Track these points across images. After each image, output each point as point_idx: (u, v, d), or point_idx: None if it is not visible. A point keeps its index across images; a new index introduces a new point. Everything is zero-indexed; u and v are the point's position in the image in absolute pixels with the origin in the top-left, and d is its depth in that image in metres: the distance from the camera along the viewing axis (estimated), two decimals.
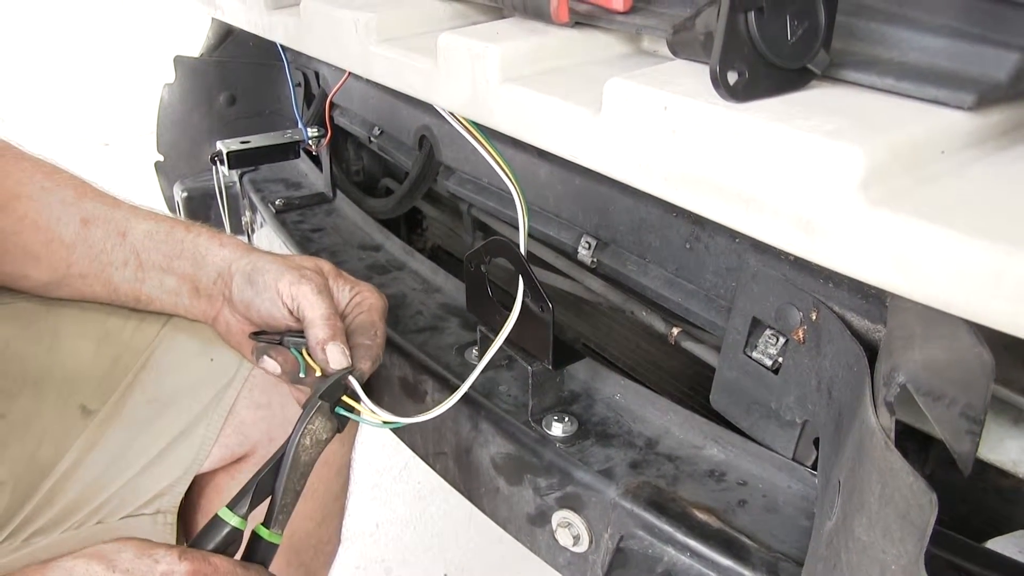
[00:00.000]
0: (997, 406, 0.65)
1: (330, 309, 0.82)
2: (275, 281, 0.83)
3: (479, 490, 0.95)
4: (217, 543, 0.69)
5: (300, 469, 0.73)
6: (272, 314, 0.84)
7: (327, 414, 0.75)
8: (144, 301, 0.91)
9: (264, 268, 0.85)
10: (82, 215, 0.88)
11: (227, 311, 0.89)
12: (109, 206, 0.90)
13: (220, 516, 0.70)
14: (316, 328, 0.80)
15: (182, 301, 0.91)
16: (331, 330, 0.80)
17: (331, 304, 0.83)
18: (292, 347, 0.83)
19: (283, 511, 0.72)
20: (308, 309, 0.81)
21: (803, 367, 0.74)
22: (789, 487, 0.80)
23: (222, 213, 1.65)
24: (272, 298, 0.84)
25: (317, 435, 0.74)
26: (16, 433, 0.85)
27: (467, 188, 1.19)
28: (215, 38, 1.70)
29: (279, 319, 0.85)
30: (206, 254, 0.89)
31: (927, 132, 0.54)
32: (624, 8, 0.75)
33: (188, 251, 0.89)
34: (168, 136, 1.73)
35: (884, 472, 0.51)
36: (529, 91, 0.72)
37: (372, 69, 0.94)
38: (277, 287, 0.83)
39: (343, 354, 0.79)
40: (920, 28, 0.60)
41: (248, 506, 0.70)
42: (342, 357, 0.79)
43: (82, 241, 0.88)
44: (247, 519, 0.71)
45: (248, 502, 0.70)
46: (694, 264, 0.88)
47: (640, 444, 0.87)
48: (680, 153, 0.60)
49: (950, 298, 0.47)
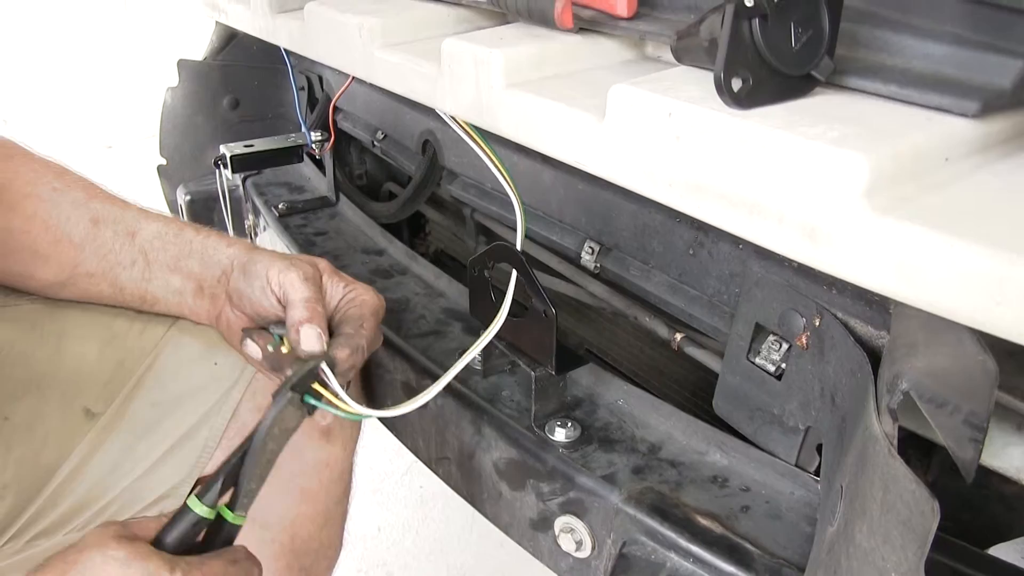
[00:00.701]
0: (1000, 413, 0.65)
1: (312, 293, 0.81)
2: (265, 269, 0.84)
3: (481, 495, 0.95)
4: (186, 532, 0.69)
5: (267, 456, 0.73)
6: (262, 303, 0.84)
7: (297, 403, 0.74)
8: (149, 301, 0.91)
9: (258, 259, 0.85)
10: (92, 215, 0.89)
11: (228, 308, 0.89)
12: (119, 207, 0.91)
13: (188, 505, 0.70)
14: (294, 310, 0.80)
15: (186, 301, 0.91)
16: (309, 312, 0.79)
17: (316, 291, 0.82)
18: (275, 332, 0.83)
19: (247, 496, 0.72)
20: (291, 292, 0.81)
21: (806, 373, 0.74)
22: (792, 493, 0.80)
23: (225, 217, 1.65)
24: (262, 287, 0.84)
25: (284, 423, 0.73)
26: (20, 435, 0.85)
27: (470, 193, 1.19)
28: (219, 42, 1.70)
29: (268, 309, 0.84)
30: (214, 253, 0.89)
31: (931, 140, 0.54)
32: (628, 14, 0.75)
33: (196, 251, 0.89)
34: (171, 140, 1.73)
35: (886, 479, 0.51)
36: (533, 97, 0.73)
37: (376, 74, 0.94)
38: (267, 275, 0.83)
39: (318, 338, 0.78)
40: (924, 35, 0.60)
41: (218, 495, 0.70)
42: (316, 340, 0.78)
43: (91, 241, 0.88)
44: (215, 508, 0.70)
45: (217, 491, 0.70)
46: (697, 270, 0.88)
47: (643, 449, 0.87)
48: (684, 159, 0.60)
49: (954, 305, 0.47)
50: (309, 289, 0.81)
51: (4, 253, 0.88)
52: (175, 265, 0.90)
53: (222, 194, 1.61)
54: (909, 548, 0.49)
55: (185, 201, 1.71)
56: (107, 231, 0.89)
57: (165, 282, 0.90)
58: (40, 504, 0.85)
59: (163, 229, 0.90)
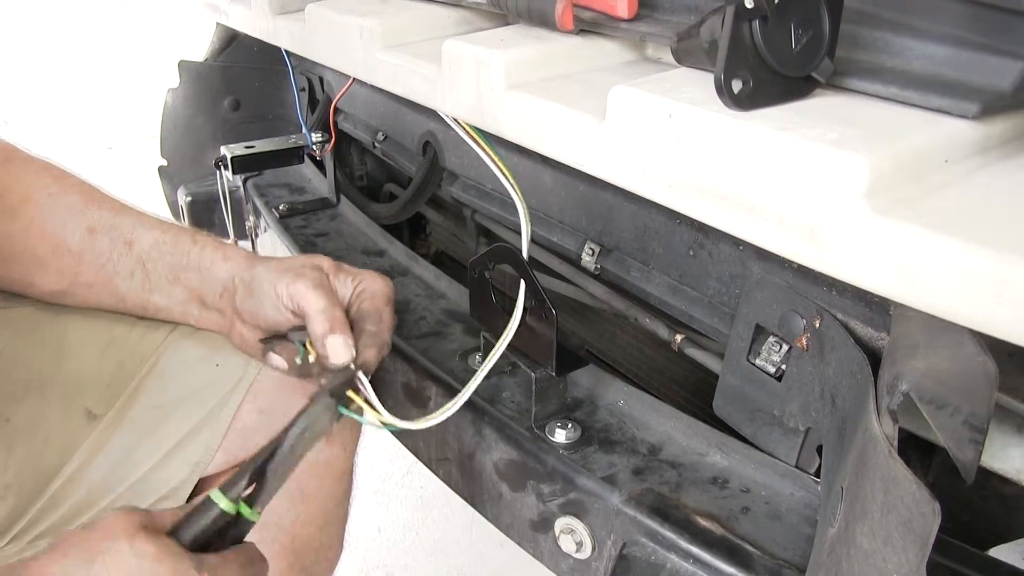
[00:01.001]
0: (1000, 414, 0.65)
1: (328, 301, 0.80)
2: (272, 286, 0.82)
3: (482, 496, 0.95)
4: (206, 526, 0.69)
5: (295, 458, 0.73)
6: (277, 320, 0.84)
7: (331, 409, 0.75)
8: (152, 311, 0.91)
9: (261, 276, 0.84)
10: (88, 223, 0.88)
11: (239, 324, 0.89)
12: (116, 213, 0.90)
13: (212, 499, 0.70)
14: (315, 323, 0.79)
15: (192, 312, 0.90)
16: (329, 322, 0.79)
17: (330, 296, 0.81)
18: (297, 340, 0.83)
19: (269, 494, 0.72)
20: (307, 305, 0.80)
21: (806, 374, 0.74)
22: (792, 494, 0.80)
23: (226, 218, 1.65)
24: (274, 303, 0.83)
25: (317, 428, 0.74)
26: (21, 437, 0.85)
27: (471, 194, 1.19)
28: (220, 43, 1.70)
29: (284, 323, 0.84)
30: (211, 267, 0.88)
31: (931, 141, 0.54)
32: (628, 15, 0.75)
33: (193, 263, 0.88)
34: (172, 140, 1.73)
35: (887, 480, 0.51)
36: (534, 98, 0.73)
37: (376, 75, 0.94)
38: (276, 291, 0.82)
39: (345, 345, 0.78)
40: (924, 37, 0.60)
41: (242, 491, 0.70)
42: (344, 350, 0.78)
43: (89, 250, 0.88)
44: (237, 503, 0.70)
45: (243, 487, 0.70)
46: (697, 271, 0.88)
47: (643, 451, 0.87)
48: (684, 161, 0.60)
49: (954, 307, 0.47)
50: (323, 298, 0.80)
51: (4, 259, 0.88)
52: (175, 277, 0.89)
53: (223, 195, 1.61)
54: (910, 549, 0.49)
55: (186, 202, 1.71)
56: (104, 240, 0.88)
57: (167, 293, 0.90)
58: (42, 505, 0.85)
59: (160, 238, 0.89)
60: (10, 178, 0.88)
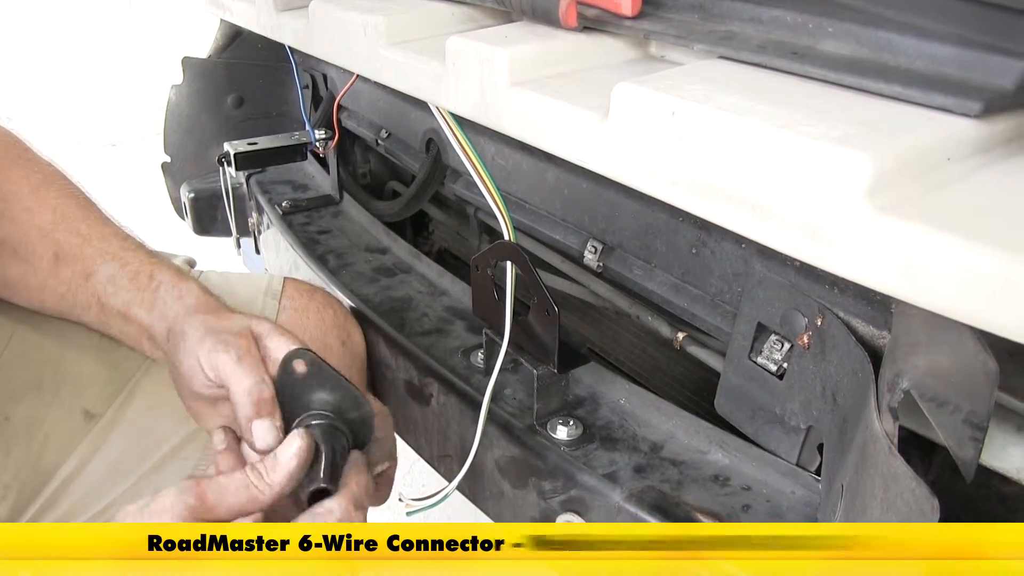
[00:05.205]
0: (1001, 413, 0.65)
1: (254, 379, 0.73)
2: (195, 348, 0.75)
3: (483, 493, 0.95)
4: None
5: None
6: (203, 388, 0.77)
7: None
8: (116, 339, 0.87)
9: (189, 333, 0.77)
10: (55, 249, 0.85)
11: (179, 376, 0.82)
12: (81, 239, 0.85)
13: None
14: (238, 405, 0.72)
15: (145, 347, 0.85)
16: (255, 405, 0.72)
17: (256, 371, 0.74)
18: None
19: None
20: (230, 383, 0.73)
21: (808, 373, 0.74)
22: (793, 492, 0.80)
23: (228, 215, 1.65)
24: (192, 365, 0.76)
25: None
26: (19, 436, 0.85)
27: (474, 191, 1.19)
28: (223, 40, 1.71)
29: (205, 390, 0.77)
30: (162, 308, 0.82)
31: (933, 139, 0.54)
32: (632, 13, 0.75)
33: (147, 301, 0.82)
34: (175, 137, 1.73)
35: (887, 477, 0.51)
36: (537, 95, 0.73)
37: (380, 72, 0.94)
38: (197, 355, 0.75)
39: (272, 429, 0.72)
40: (927, 36, 0.60)
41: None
42: (271, 434, 0.71)
43: (52, 277, 0.85)
44: None
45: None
46: (700, 269, 0.88)
47: (645, 448, 0.87)
48: (687, 158, 0.60)
49: (955, 305, 0.47)
50: (248, 375, 0.73)
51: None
52: (125, 315, 0.83)
53: (226, 192, 1.62)
54: None
55: (189, 199, 1.71)
56: (66, 270, 0.84)
57: (121, 330, 0.85)
58: (40, 505, 0.85)
59: (118, 272, 0.84)
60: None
